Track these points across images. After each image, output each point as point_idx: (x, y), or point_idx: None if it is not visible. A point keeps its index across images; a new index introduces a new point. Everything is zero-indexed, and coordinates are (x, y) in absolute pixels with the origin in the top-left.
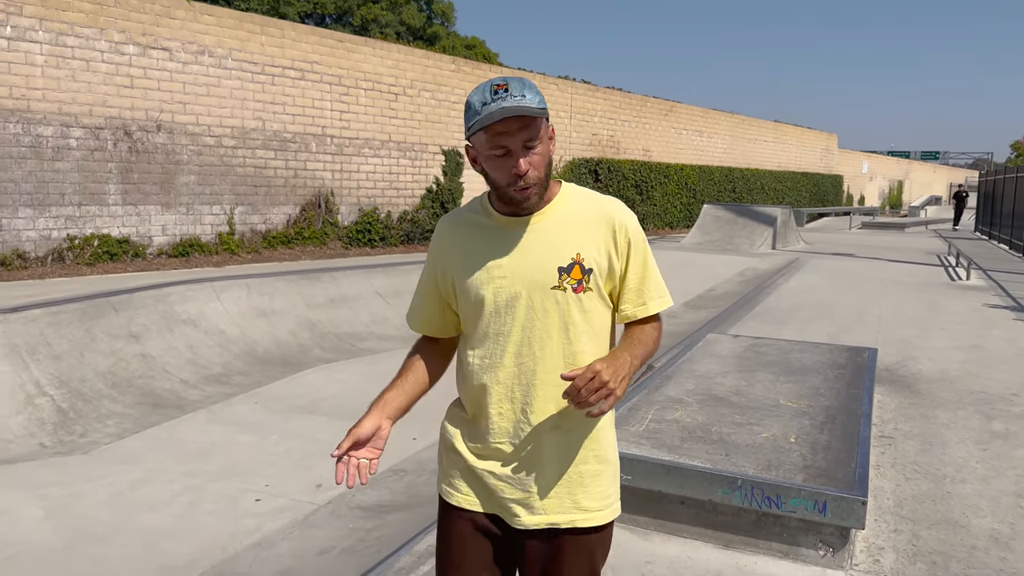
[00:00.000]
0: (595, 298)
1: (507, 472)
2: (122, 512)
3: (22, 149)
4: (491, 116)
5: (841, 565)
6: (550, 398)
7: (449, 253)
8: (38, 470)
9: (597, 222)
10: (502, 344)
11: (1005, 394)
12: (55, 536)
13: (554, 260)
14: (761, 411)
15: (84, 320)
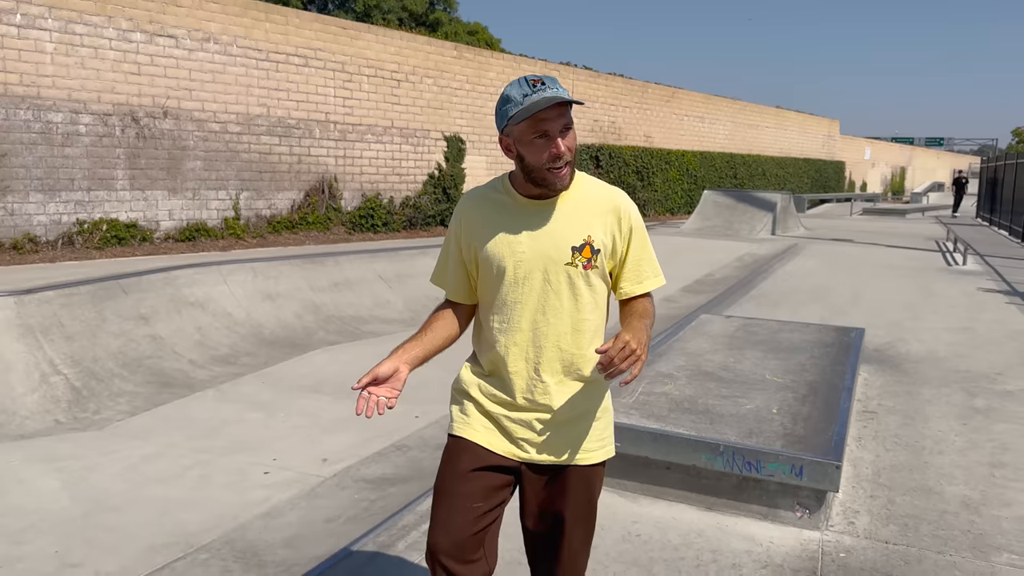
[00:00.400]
0: (599, 275)
1: (519, 416)
2: (136, 484)
3: (33, 135)
4: (536, 104)
5: (817, 526)
6: (558, 358)
7: (474, 228)
8: (54, 445)
9: (605, 209)
10: (519, 311)
11: (990, 373)
12: (73, 505)
13: (568, 240)
14: (746, 385)
15: (95, 302)
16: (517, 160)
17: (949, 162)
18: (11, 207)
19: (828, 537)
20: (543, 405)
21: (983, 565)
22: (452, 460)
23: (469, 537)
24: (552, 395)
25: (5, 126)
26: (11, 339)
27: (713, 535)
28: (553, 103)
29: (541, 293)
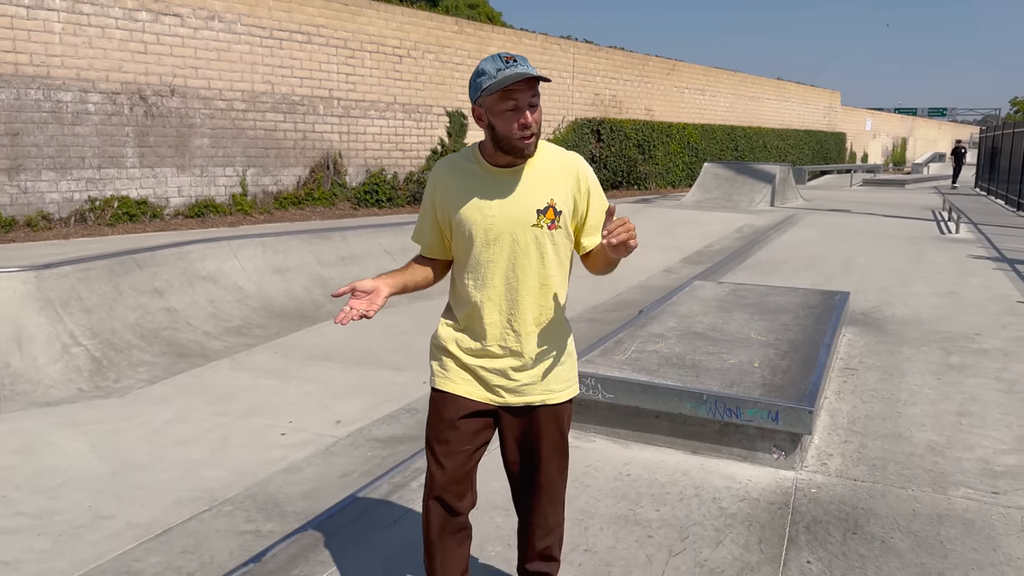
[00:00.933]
0: (563, 234)
1: (495, 365)
2: (160, 446)
3: (43, 114)
4: (509, 78)
5: (792, 467)
6: (528, 310)
7: (448, 194)
8: (79, 411)
9: (565, 173)
10: (492, 270)
11: (969, 333)
12: (101, 465)
13: (533, 204)
14: (732, 343)
15: (111, 276)
16: (488, 129)
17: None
18: (24, 185)
19: (802, 476)
20: (515, 353)
21: (941, 498)
22: (438, 412)
23: (461, 476)
24: (523, 344)
25: (17, 105)
26: (32, 312)
27: (697, 474)
28: (524, 78)
29: (511, 253)
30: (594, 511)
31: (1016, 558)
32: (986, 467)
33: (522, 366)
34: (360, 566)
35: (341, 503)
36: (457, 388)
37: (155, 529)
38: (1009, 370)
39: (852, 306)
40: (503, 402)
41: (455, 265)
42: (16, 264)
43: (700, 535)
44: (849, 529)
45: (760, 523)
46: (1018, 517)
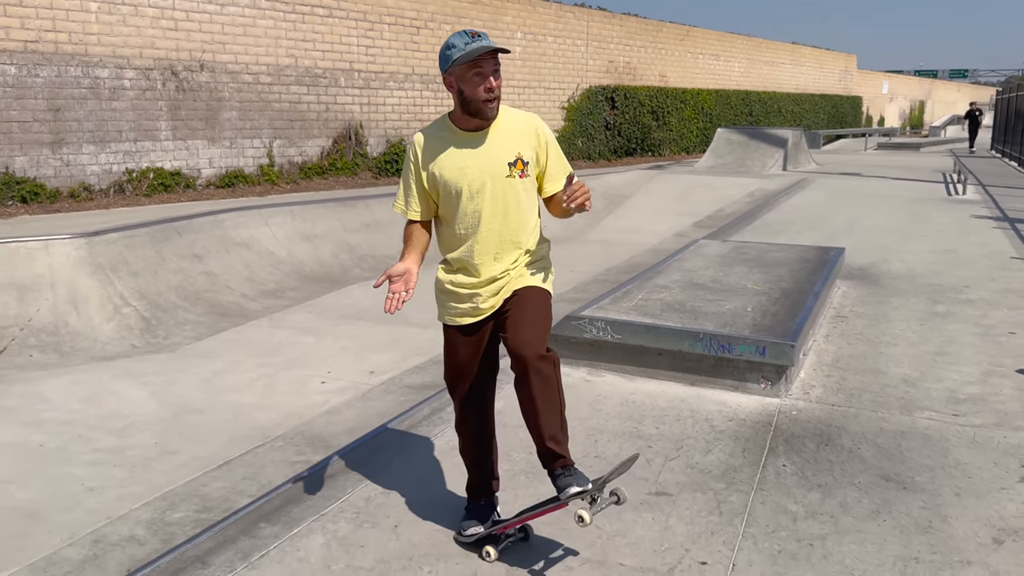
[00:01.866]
0: (530, 182)
1: (486, 290)
2: (212, 393)
3: (83, 90)
4: (476, 51)
5: (778, 395)
6: (511, 246)
7: (429, 160)
8: (135, 364)
9: (526, 130)
10: (478, 217)
11: (958, 285)
12: (161, 409)
13: (504, 158)
14: (730, 292)
15: (154, 243)
16: (457, 95)
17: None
18: (67, 158)
19: (786, 402)
20: (501, 281)
21: (906, 419)
22: (449, 340)
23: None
24: (508, 273)
25: (58, 82)
26: (85, 275)
27: (693, 401)
28: (488, 50)
29: (491, 200)
30: (603, 428)
31: (963, 463)
32: (951, 395)
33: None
34: (414, 465)
35: (382, 426)
36: (457, 319)
37: (216, 461)
38: (989, 316)
39: (850, 262)
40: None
41: (443, 219)
42: (68, 232)
43: (693, 446)
44: (822, 442)
45: (745, 437)
46: (971, 433)
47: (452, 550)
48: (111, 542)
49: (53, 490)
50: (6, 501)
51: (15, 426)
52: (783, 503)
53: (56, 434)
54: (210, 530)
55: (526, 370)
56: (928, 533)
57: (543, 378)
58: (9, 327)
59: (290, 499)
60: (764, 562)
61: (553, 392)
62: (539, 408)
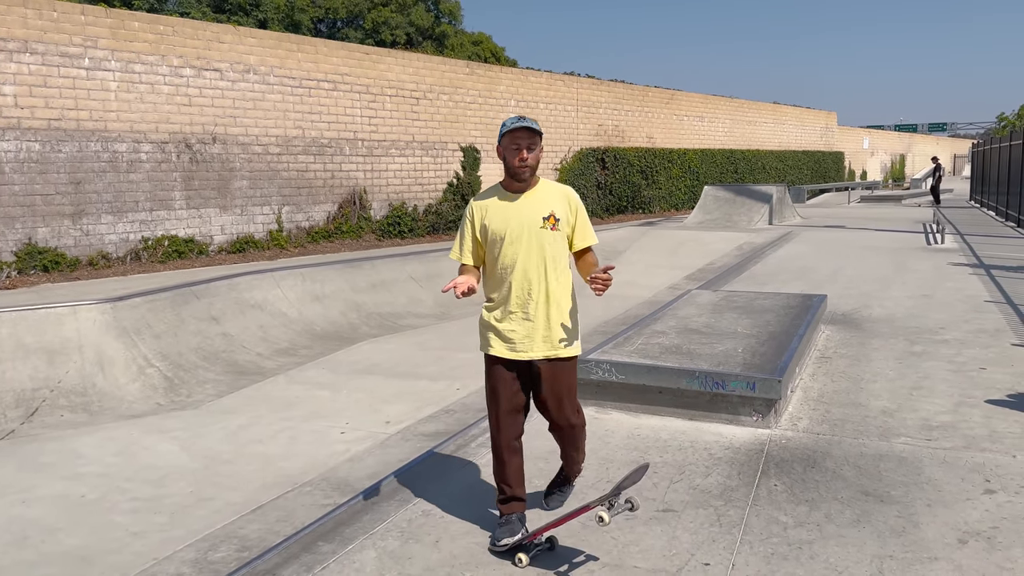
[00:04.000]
0: (560, 236)
1: (520, 329)
2: (238, 445)
3: (102, 164)
4: (512, 128)
5: (768, 426)
6: (541, 287)
7: (482, 214)
8: (162, 421)
9: (560, 196)
10: (516, 260)
11: (934, 327)
12: (192, 461)
13: (540, 213)
14: (721, 336)
15: (174, 306)
16: (504, 161)
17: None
18: (86, 228)
19: (776, 432)
20: (534, 320)
21: (884, 444)
22: (489, 368)
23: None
24: (539, 313)
25: (79, 157)
26: (111, 338)
27: (692, 433)
28: (521, 128)
29: (527, 247)
30: (613, 458)
31: (934, 479)
32: (925, 423)
33: (537, 328)
34: (446, 492)
35: (417, 459)
36: (498, 351)
37: (250, 506)
38: (962, 354)
39: (834, 309)
40: (528, 356)
41: (488, 264)
42: (93, 297)
43: (693, 471)
44: (809, 465)
45: (740, 463)
46: (942, 455)
47: (488, 559)
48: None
49: (99, 536)
50: (57, 547)
51: (56, 480)
52: (775, 515)
53: (95, 486)
54: (276, 548)
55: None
56: (902, 536)
57: (576, 435)
58: (40, 389)
59: (341, 522)
60: (759, 563)
61: (582, 440)
62: (571, 455)
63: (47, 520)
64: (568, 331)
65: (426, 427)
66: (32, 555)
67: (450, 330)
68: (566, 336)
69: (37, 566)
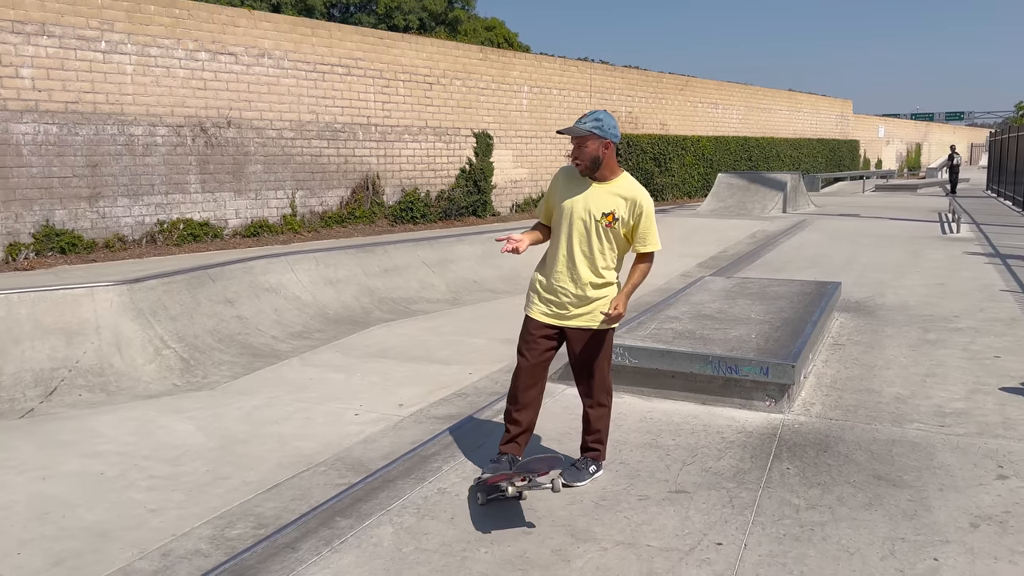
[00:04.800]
0: (614, 232)
1: (562, 298)
2: (254, 425)
3: (118, 147)
4: (570, 130)
5: (781, 411)
6: (583, 266)
7: (557, 185)
8: (179, 401)
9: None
10: (569, 236)
11: (948, 316)
12: (209, 440)
13: (604, 207)
14: (735, 322)
15: (189, 289)
16: None
17: (966, 136)
18: (103, 211)
19: (788, 417)
20: (574, 292)
21: (897, 430)
22: (525, 328)
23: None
24: (578, 286)
25: (96, 140)
26: (127, 319)
27: (705, 417)
28: (565, 132)
29: (579, 230)
30: (626, 440)
31: (947, 464)
32: (938, 410)
33: (577, 300)
34: (460, 471)
35: (431, 439)
36: (535, 314)
37: (266, 485)
38: (976, 343)
39: (848, 297)
40: (565, 324)
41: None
42: (109, 279)
43: (706, 453)
44: (821, 449)
45: (752, 446)
46: (955, 441)
47: (503, 536)
48: (178, 555)
49: (119, 512)
50: (77, 522)
51: (76, 457)
52: (787, 498)
53: (114, 464)
54: (295, 523)
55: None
56: (914, 519)
57: (601, 414)
58: (59, 369)
59: (358, 498)
60: (771, 543)
61: (606, 417)
62: (595, 426)
63: (67, 496)
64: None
65: (439, 410)
66: (53, 530)
67: (462, 315)
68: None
69: (59, 540)
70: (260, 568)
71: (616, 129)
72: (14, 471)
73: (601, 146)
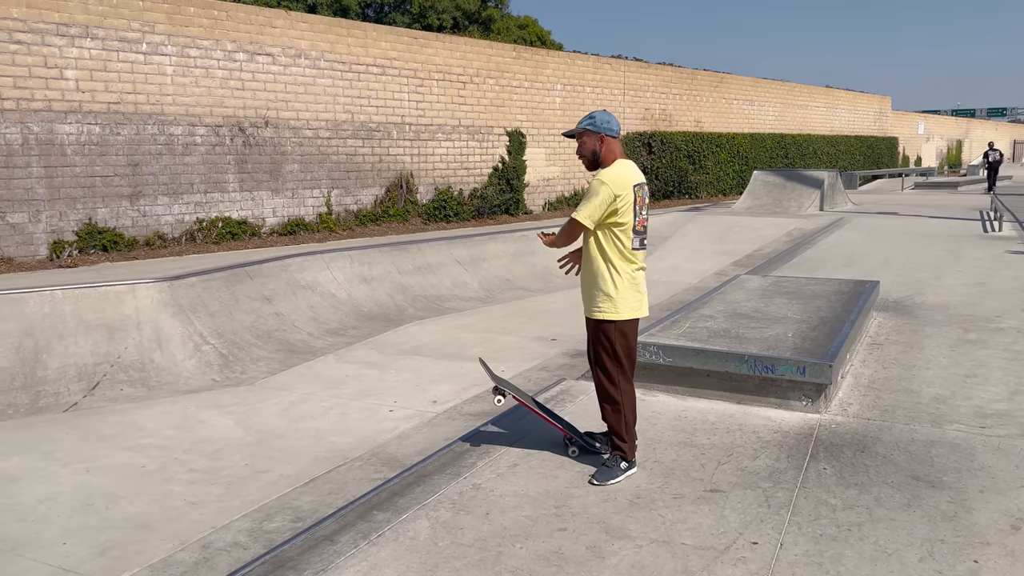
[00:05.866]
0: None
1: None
2: (291, 420)
3: (159, 147)
4: (569, 132)
5: (818, 411)
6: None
7: None
8: (218, 396)
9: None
10: None
11: (990, 316)
12: (247, 435)
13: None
14: (771, 320)
15: (228, 286)
16: None
17: (1009, 132)
18: (144, 209)
19: (825, 417)
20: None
21: (936, 431)
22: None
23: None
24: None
25: (137, 140)
26: (168, 316)
27: (740, 416)
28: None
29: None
30: (660, 439)
31: (988, 466)
32: (979, 411)
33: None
34: (494, 467)
35: (466, 435)
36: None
37: (303, 479)
38: (1018, 343)
39: (886, 296)
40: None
41: None
42: (150, 276)
43: (742, 453)
44: (859, 449)
45: (789, 446)
46: (996, 442)
47: (538, 531)
48: (217, 547)
49: (160, 504)
50: (120, 513)
51: (118, 451)
52: (824, 498)
53: (155, 457)
54: (332, 516)
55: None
56: (953, 521)
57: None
58: (101, 364)
59: (395, 492)
60: (808, 543)
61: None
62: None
63: (110, 488)
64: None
65: (472, 407)
66: (97, 520)
67: (495, 313)
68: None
69: (102, 530)
70: (299, 560)
71: (610, 124)
72: (59, 463)
73: (597, 140)
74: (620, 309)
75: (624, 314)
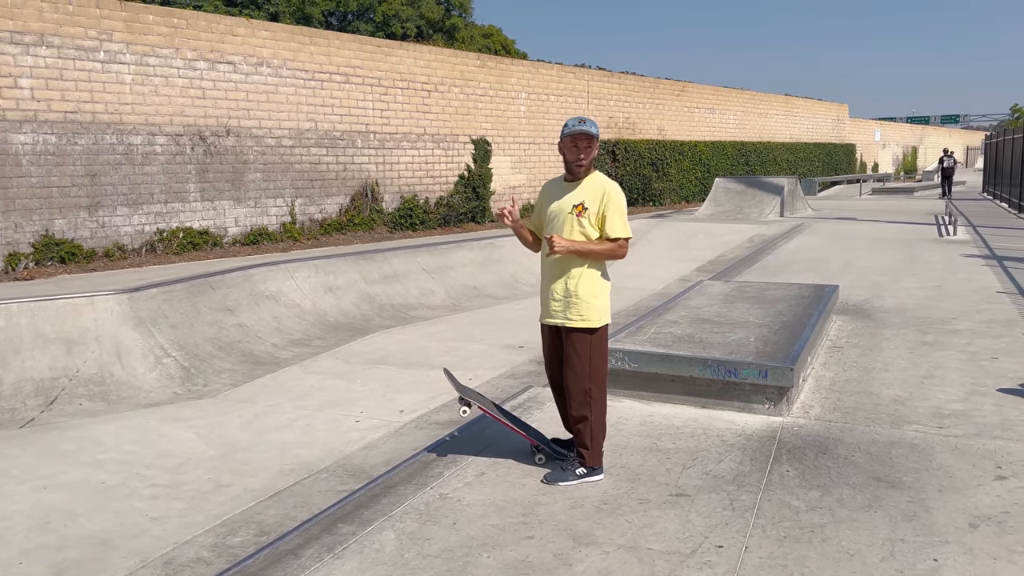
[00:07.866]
0: (586, 220)
1: (549, 299)
2: (255, 433)
3: (118, 156)
4: (575, 129)
5: (780, 414)
6: (562, 262)
7: (545, 193)
8: (179, 409)
9: (598, 190)
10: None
11: (946, 318)
12: (210, 448)
13: (573, 201)
14: (733, 325)
15: (190, 297)
16: (564, 156)
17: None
18: (102, 220)
19: (788, 420)
20: (555, 291)
21: (895, 431)
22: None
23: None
24: (556, 282)
25: (95, 149)
26: (128, 328)
27: (705, 420)
28: (581, 132)
29: (559, 226)
30: (626, 444)
31: (946, 466)
32: (937, 411)
33: (555, 297)
34: (461, 476)
35: (432, 445)
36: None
37: (268, 492)
38: (974, 344)
39: (845, 300)
40: (552, 322)
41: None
42: (109, 288)
43: (706, 457)
44: (821, 451)
45: (752, 449)
46: (953, 442)
47: (505, 540)
48: (180, 563)
49: (120, 521)
50: (80, 531)
51: (76, 467)
52: (787, 500)
53: (115, 473)
54: (296, 530)
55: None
56: (913, 520)
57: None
58: (59, 378)
59: (360, 505)
60: (772, 545)
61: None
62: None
63: (68, 505)
64: (580, 308)
65: (440, 416)
66: (55, 539)
67: (462, 321)
68: (576, 311)
69: (60, 549)
70: (263, 575)
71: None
72: (15, 481)
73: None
74: (607, 313)
75: (608, 318)
